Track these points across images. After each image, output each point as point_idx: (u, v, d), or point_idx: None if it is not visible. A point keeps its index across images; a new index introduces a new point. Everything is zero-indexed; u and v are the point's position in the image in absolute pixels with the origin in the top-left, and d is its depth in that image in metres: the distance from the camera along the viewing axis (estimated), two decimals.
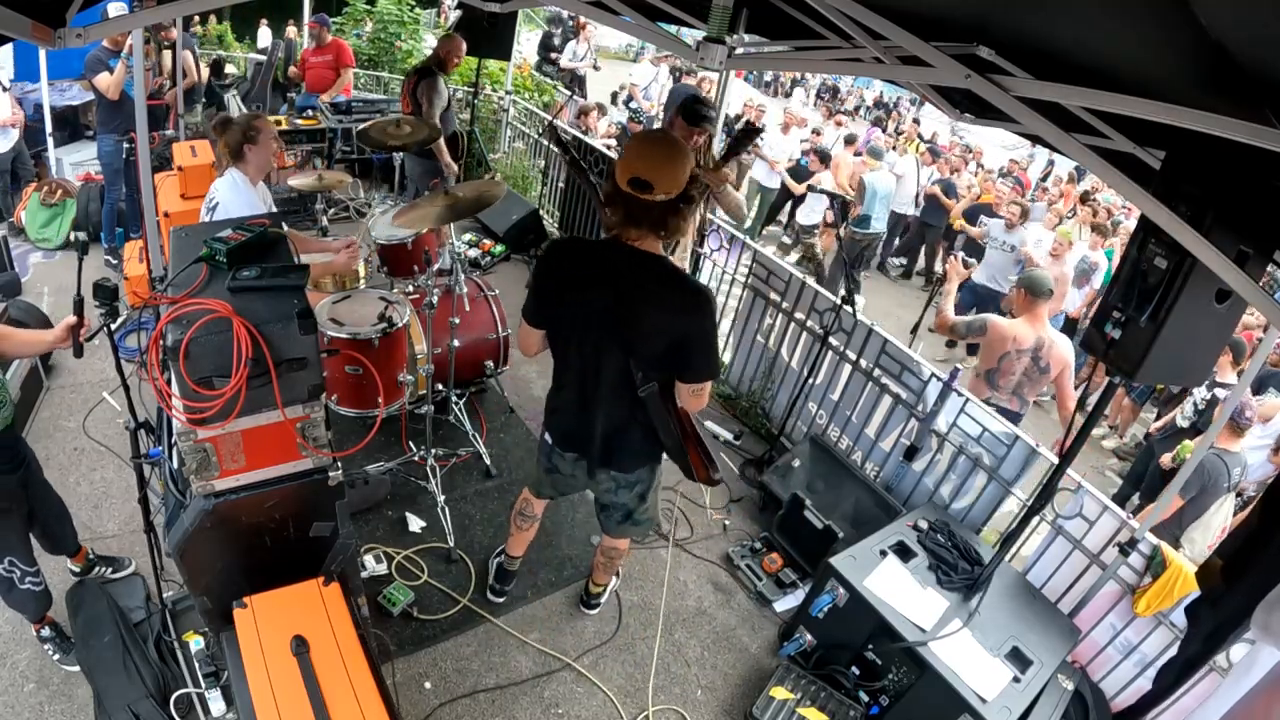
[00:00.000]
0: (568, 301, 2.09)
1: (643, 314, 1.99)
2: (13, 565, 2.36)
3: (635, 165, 1.90)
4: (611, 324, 2.02)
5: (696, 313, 1.99)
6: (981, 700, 2.43)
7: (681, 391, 2.12)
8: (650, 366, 2.08)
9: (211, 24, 9.76)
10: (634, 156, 1.93)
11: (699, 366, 2.05)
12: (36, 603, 2.47)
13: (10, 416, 2.26)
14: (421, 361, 3.42)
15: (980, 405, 3.40)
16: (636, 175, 1.88)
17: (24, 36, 1.49)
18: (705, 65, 1.95)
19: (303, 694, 1.66)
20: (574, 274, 2.07)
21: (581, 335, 2.11)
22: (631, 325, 2.01)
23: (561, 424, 2.36)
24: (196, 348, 1.67)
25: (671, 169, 1.90)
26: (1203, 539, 3.86)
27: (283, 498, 1.96)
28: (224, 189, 2.90)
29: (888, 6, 1.62)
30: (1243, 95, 1.15)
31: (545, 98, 8.57)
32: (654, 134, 2.18)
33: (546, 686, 2.73)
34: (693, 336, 2.00)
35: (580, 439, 2.31)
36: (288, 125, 5.68)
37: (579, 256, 2.13)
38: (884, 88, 19.64)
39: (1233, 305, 1.76)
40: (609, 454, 2.30)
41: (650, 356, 2.05)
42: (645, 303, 1.99)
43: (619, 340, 2.04)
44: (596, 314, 2.03)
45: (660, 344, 2.02)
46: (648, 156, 1.92)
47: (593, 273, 2.04)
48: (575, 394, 2.22)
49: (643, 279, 1.99)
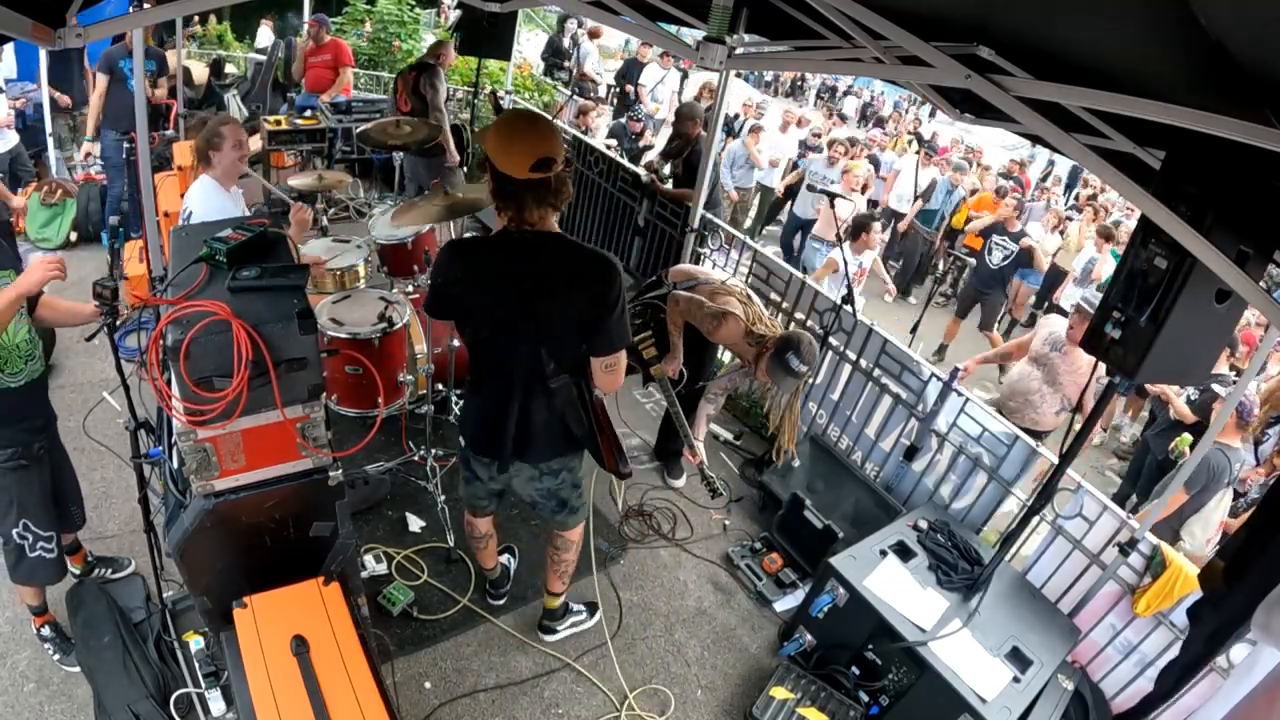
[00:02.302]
0: (469, 304, 2.06)
1: (549, 297, 1.97)
2: (26, 530, 2.32)
3: (529, 147, 1.85)
4: (517, 316, 2.00)
5: (602, 282, 1.95)
6: (981, 700, 2.43)
7: (595, 369, 2.09)
8: (562, 352, 2.06)
9: (211, 24, 9.76)
10: (519, 139, 1.87)
11: (611, 338, 2.02)
12: (48, 571, 2.42)
13: (41, 368, 2.29)
14: (421, 361, 3.42)
15: (980, 404, 3.40)
16: (541, 156, 1.84)
17: (24, 36, 1.49)
18: (705, 65, 1.95)
19: (303, 694, 1.66)
20: (470, 276, 2.02)
21: (489, 335, 2.09)
22: (539, 312, 1.99)
23: (474, 429, 2.32)
24: (196, 348, 1.67)
25: (555, 136, 1.89)
26: (1202, 533, 3.86)
27: (283, 498, 1.96)
28: (195, 197, 2.89)
29: (888, 6, 1.62)
30: (1243, 95, 1.14)
31: (545, 98, 8.57)
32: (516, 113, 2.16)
33: (546, 686, 2.73)
34: (602, 307, 1.96)
35: (492, 440, 2.26)
36: (288, 125, 5.68)
37: (476, 252, 2.08)
38: (884, 91, 19.62)
39: (1233, 305, 1.76)
40: (521, 448, 2.25)
41: (562, 339, 2.04)
42: (550, 284, 1.96)
43: (528, 332, 2.02)
44: (500, 309, 2.01)
45: (571, 323, 2.00)
46: (531, 135, 1.88)
47: (489, 270, 2.00)
48: (487, 396, 2.20)
49: (543, 263, 1.97)
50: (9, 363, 2.17)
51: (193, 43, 8.73)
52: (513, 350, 2.07)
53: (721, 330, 3.16)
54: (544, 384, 2.10)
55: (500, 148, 1.89)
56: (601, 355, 2.06)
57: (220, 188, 2.93)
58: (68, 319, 2.37)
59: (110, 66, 4.83)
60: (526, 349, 2.05)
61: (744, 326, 3.17)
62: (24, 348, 2.21)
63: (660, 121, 9.06)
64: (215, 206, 2.84)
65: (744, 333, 3.19)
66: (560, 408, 2.17)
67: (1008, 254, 6.76)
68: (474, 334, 2.15)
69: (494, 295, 2.00)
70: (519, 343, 2.05)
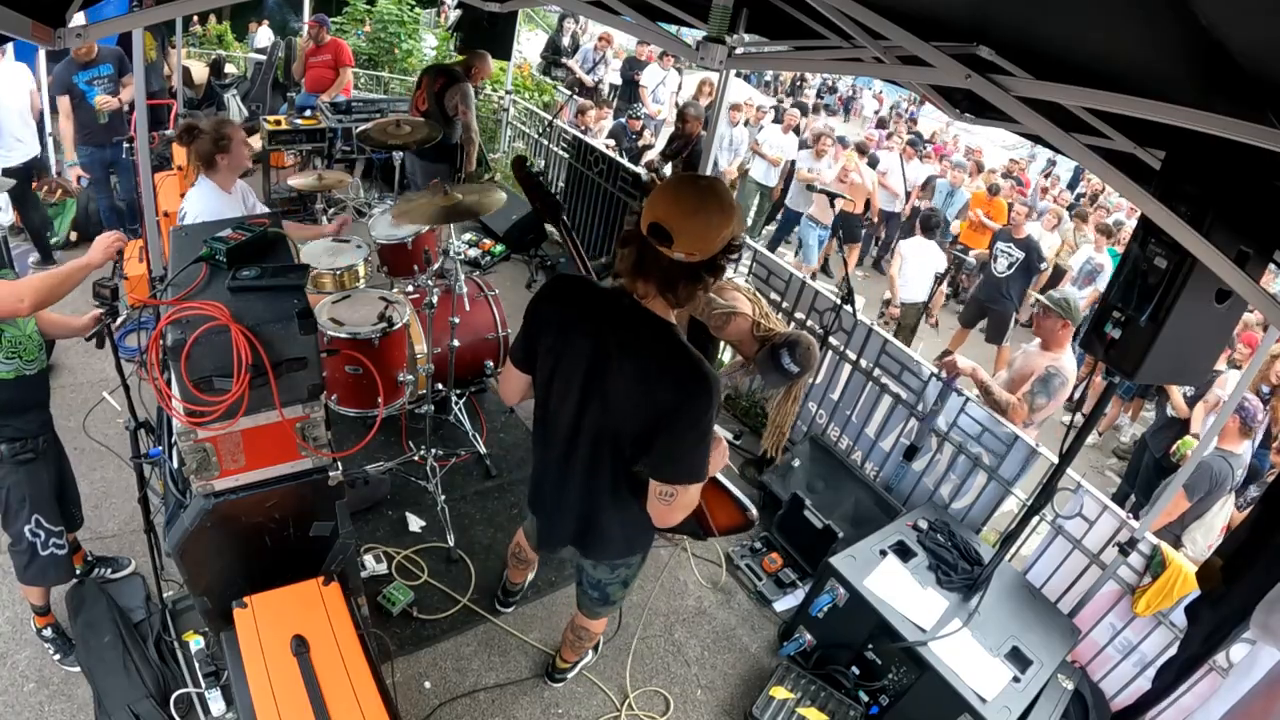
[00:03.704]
0: (550, 343, 1.77)
1: (622, 374, 1.67)
2: (39, 526, 2.33)
3: (660, 209, 1.55)
4: (592, 382, 1.72)
5: (691, 393, 1.61)
6: (981, 700, 2.43)
7: (650, 494, 1.73)
8: (629, 442, 1.76)
9: (211, 24, 9.75)
10: (663, 199, 1.57)
11: (675, 461, 1.67)
12: (58, 570, 2.43)
13: (45, 362, 2.31)
14: (421, 361, 3.42)
15: (979, 404, 3.40)
16: (658, 221, 1.54)
17: (24, 36, 1.49)
18: (705, 65, 1.95)
19: (303, 694, 1.66)
20: (562, 313, 1.76)
21: (560, 386, 1.79)
22: (615, 390, 1.69)
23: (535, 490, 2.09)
24: (196, 349, 1.67)
25: (703, 224, 1.53)
26: (1204, 539, 3.85)
27: (283, 497, 1.96)
28: (195, 202, 2.88)
29: (888, 6, 1.62)
30: (1243, 95, 1.15)
31: (545, 97, 8.57)
32: (697, 179, 1.65)
33: (546, 686, 2.73)
34: (678, 419, 1.62)
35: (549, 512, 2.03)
36: (288, 125, 5.68)
37: (573, 295, 1.79)
38: (884, 90, 19.61)
39: (1233, 305, 1.76)
40: (582, 538, 2.01)
41: (631, 430, 1.73)
42: (628, 361, 1.66)
43: (600, 406, 1.74)
44: (579, 363, 1.72)
45: (637, 418, 1.69)
46: (679, 202, 1.55)
47: (581, 314, 1.73)
48: (553, 454, 1.91)
49: (635, 335, 1.67)
50: (27, 351, 2.21)
51: (190, 39, 8.73)
52: (579, 421, 1.79)
53: (730, 327, 3.15)
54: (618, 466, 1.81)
55: (655, 193, 1.62)
56: (662, 481, 1.70)
57: (220, 191, 2.93)
58: (61, 331, 2.39)
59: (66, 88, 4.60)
60: (595, 426, 1.78)
61: (751, 323, 3.17)
62: (35, 338, 2.26)
63: (660, 122, 9.06)
64: (215, 210, 2.83)
65: (750, 329, 3.18)
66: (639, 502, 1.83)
67: (1013, 261, 6.56)
68: (545, 386, 1.84)
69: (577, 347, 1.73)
70: (585, 415, 1.77)
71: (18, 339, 2.18)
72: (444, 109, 4.95)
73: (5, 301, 2.04)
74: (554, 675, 2.74)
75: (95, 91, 4.52)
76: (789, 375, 3.06)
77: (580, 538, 2.04)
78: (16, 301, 2.04)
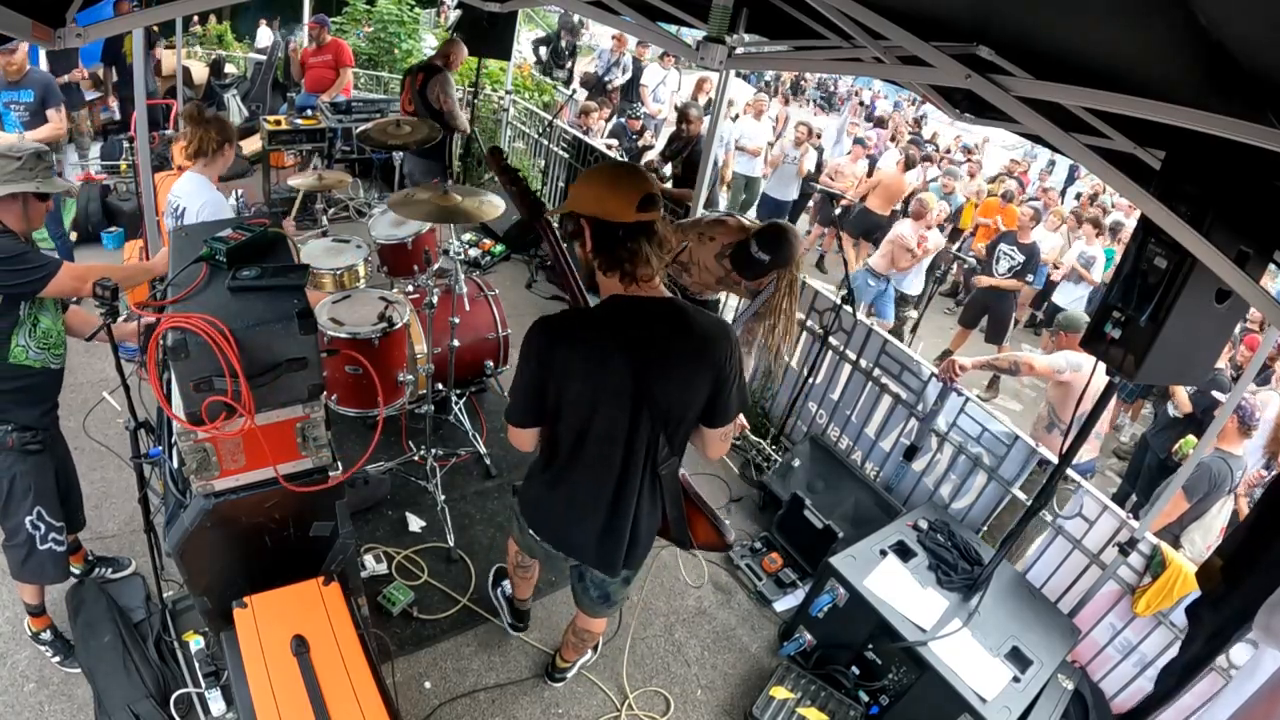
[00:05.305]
0: (576, 390, 1.75)
1: (677, 375, 1.74)
2: (40, 518, 2.32)
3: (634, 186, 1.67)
4: (641, 399, 1.74)
5: (725, 351, 1.75)
6: (981, 700, 2.43)
7: (711, 440, 1.89)
8: (680, 433, 1.85)
9: (211, 24, 9.76)
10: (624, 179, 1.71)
11: (732, 407, 1.83)
12: (55, 566, 2.41)
13: (64, 362, 2.35)
14: (421, 361, 3.42)
15: (979, 404, 3.40)
16: (648, 192, 1.66)
17: (24, 37, 1.49)
18: (705, 65, 1.95)
19: (303, 694, 1.66)
20: (583, 356, 1.74)
21: (603, 423, 1.78)
22: (666, 392, 1.74)
23: (559, 528, 2.05)
24: (196, 350, 1.68)
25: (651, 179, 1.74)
26: (1203, 540, 3.85)
27: (283, 498, 1.96)
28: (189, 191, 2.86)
29: (888, 6, 1.62)
30: (1243, 95, 1.15)
31: (545, 97, 8.57)
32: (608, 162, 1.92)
33: (546, 686, 2.72)
34: (726, 374, 1.76)
35: (590, 545, 2.00)
36: (288, 125, 5.68)
37: (582, 333, 1.77)
38: (883, 89, 19.58)
39: (1233, 305, 1.76)
40: (631, 555, 2.00)
41: (687, 418, 1.82)
42: (671, 362, 1.73)
43: (652, 415, 1.77)
44: (621, 393, 1.73)
45: (699, 398, 1.78)
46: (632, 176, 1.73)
47: (604, 347, 1.73)
48: (586, 491, 1.91)
49: (659, 335, 1.73)
50: (55, 345, 2.27)
51: (190, 39, 8.73)
52: (631, 443, 1.80)
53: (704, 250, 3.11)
54: (655, 473, 1.88)
55: (602, 192, 1.69)
56: (721, 427, 1.86)
57: (211, 184, 2.93)
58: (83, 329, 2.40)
59: None
60: (646, 438, 1.80)
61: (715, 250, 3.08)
62: (63, 335, 2.32)
63: (661, 122, 9.05)
64: (209, 200, 2.84)
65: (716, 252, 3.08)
66: (663, 496, 1.94)
67: (1014, 264, 6.59)
68: (579, 430, 1.82)
69: (611, 380, 1.72)
70: (637, 433, 1.79)
71: (50, 331, 2.24)
72: (429, 104, 4.96)
73: (70, 281, 2.12)
74: (554, 675, 2.73)
75: (10, 115, 4.28)
76: (762, 264, 2.91)
77: (633, 557, 2.02)
78: (80, 283, 2.11)
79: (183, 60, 6.39)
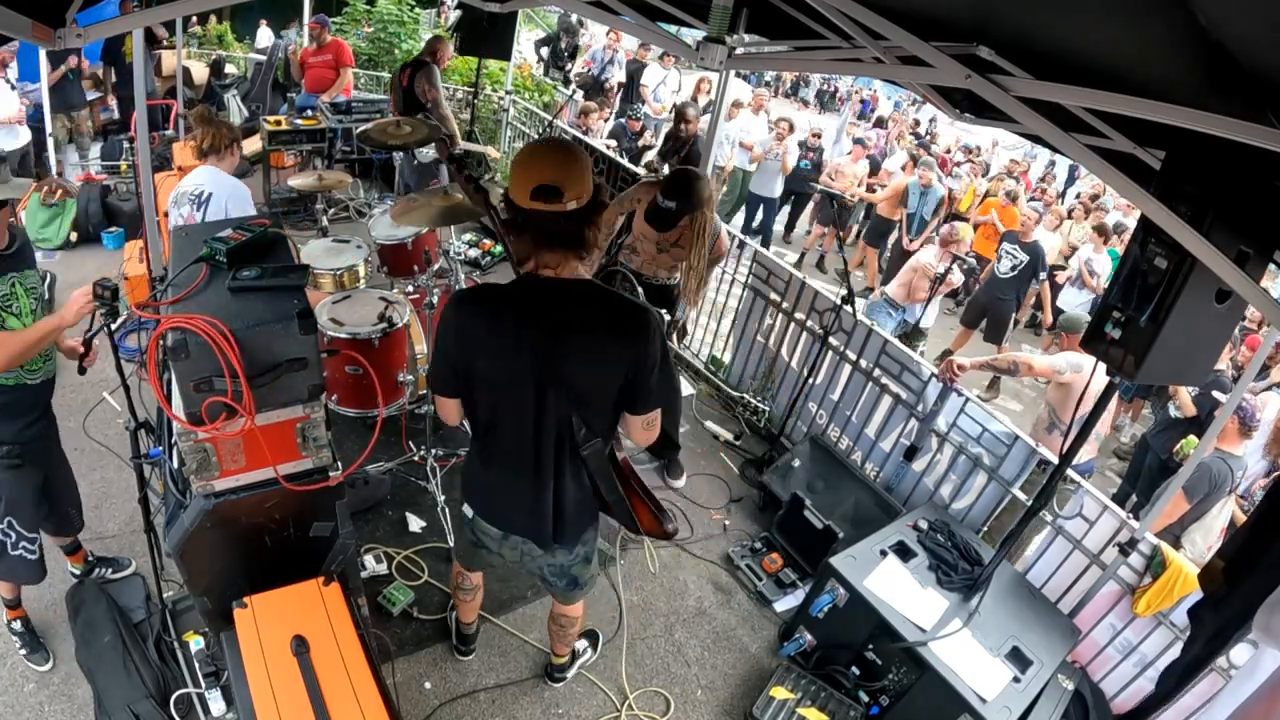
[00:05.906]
0: (483, 367, 1.76)
1: (585, 356, 1.72)
2: (11, 527, 2.33)
3: (535, 172, 1.61)
4: (547, 379, 1.73)
5: (643, 336, 1.71)
6: (981, 700, 2.43)
7: (633, 426, 1.85)
8: (598, 415, 1.82)
9: (211, 24, 9.76)
10: (531, 163, 1.65)
11: (653, 396, 1.80)
12: (28, 570, 2.43)
13: (51, 372, 2.32)
14: (421, 361, 3.42)
15: (979, 404, 3.40)
16: (541, 183, 1.59)
17: (24, 37, 1.49)
18: (705, 65, 1.95)
19: (303, 694, 1.66)
20: (487, 331, 1.74)
21: (510, 401, 1.79)
22: (574, 374, 1.73)
23: (492, 504, 2.06)
24: (195, 351, 1.68)
25: (578, 169, 1.63)
26: (1204, 540, 3.85)
27: (283, 498, 1.96)
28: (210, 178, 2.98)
29: (888, 6, 1.62)
30: (1243, 95, 1.15)
31: (545, 98, 8.57)
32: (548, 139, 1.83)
33: (546, 686, 2.72)
34: (644, 362, 1.73)
35: (522, 520, 2.01)
36: (288, 125, 5.69)
37: (489, 308, 1.76)
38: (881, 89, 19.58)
39: (1233, 305, 1.76)
40: (560, 529, 1.99)
41: (601, 402, 1.80)
42: (585, 342, 1.71)
43: (560, 396, 1.76)
44: (525, 372, 1.73)
45: (613, 384, 1.75)
46: (547, 160, 1.66)
47: (510, 325, 1.72)
48: (509, 469, 1.91)
49: (575, 315, 1.71)
50: (31, 361, 2.21)
51: (190, 39, 8.72)
52: (540, 422, 1.80)
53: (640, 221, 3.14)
54: (575, 454, 1.86)
55: (512, 173, 1.68)
56: (643, 414, 1.83)
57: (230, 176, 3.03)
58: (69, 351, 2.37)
59: None
60: (556, 418, 1.80)
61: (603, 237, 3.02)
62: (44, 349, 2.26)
63: (662, 121, 9.05)
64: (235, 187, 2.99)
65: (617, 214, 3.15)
66: (591, 477, 1.93)
67: (1017, 263, 6.56)
68: (491, 406, 1.84)
69: (516, 359, 1.72)
70: (548, 409, 1.78)
71: None
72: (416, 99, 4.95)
73: None
74: (553, 675, 2.73)
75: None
76: (670, 211, 2.85)
77: (562, 534, 2.01)
78: None
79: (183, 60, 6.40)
